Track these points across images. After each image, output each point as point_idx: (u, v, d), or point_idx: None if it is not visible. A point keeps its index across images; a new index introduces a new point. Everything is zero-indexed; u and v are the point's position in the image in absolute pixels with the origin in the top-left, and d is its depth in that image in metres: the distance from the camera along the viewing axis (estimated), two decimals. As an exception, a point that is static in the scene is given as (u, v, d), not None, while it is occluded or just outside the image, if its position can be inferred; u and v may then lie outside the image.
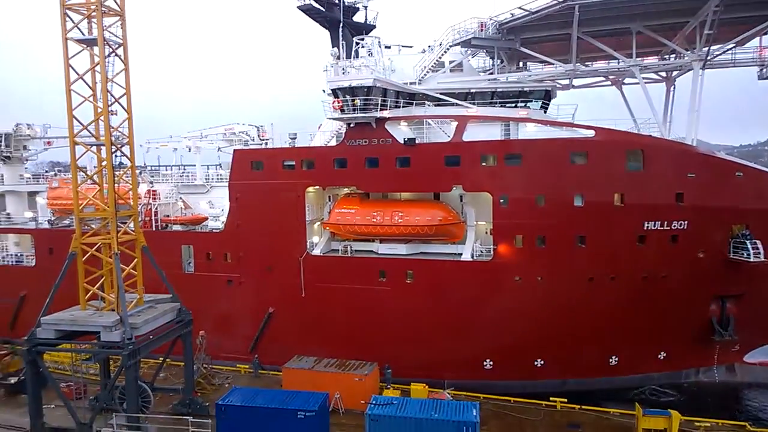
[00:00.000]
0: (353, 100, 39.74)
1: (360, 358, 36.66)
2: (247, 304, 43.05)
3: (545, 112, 41.68)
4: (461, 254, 39.05)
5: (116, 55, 31.70)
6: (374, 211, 40.28)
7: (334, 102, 40.87)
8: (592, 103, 45.74)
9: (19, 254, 52.48)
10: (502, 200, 37.44)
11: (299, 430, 29.71)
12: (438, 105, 41.02)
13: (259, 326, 42.83)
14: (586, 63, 43.45)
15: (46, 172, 63.18)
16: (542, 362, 38.25)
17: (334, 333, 40.08)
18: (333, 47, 44.44)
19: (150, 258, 33.77)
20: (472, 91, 41.12)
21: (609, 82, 45.54)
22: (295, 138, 45.33)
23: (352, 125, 40.91)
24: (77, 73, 31.12)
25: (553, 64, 40.27)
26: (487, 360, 38.55)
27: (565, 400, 34.90)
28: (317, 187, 42.65)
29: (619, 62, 39.49)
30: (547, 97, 41.69)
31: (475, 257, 38.60)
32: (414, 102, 41.42)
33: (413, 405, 29.77)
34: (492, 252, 37.96)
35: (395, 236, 39.98)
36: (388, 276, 39.57)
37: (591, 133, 36.89)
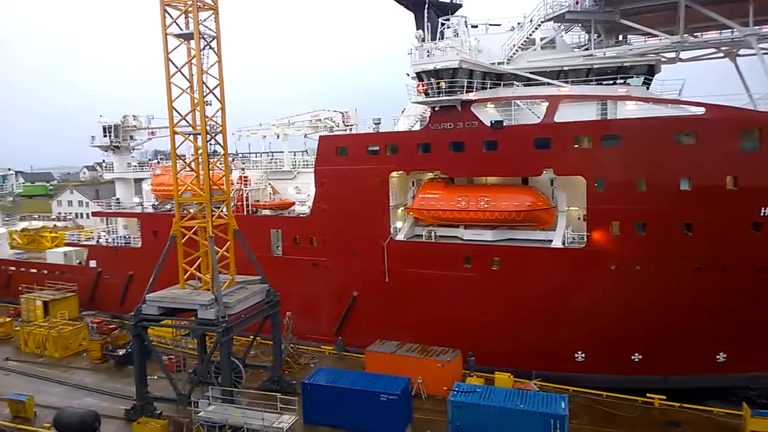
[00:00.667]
0: (438, 83, 38.84)
1: (442, 344, 36.20)
2: (332, 287, 43.73)
3: (647, 88, 38.52)
4: (551, 241, 37.25)
5: (210, 47, 32.95)
6: (459, 196, 39.41)
7: (418, 85, 40.19)
8: (700, 78, 41.66)
9: (127, 236, 56.69)
10: (597, 184, 35.16)
11: (381, 413, 29.96)
12: (528, 85, 39.18)
13: (343, 309, 43.41)
14: (695, 34, 39.57)
15: (150, 160, 67.62)
16: (640, 356, 35.75)
17: (417, 318, 39.73)
18: (417, 30, 43.61)
19: (241, 241, 35.13)
20: (565, 68, 38.88)
21: (721, 54, 41.18)
22: (379, 123, 45.17)
23: (436, 109, 40.11)
24: (176, 67, 32.62)
25: (657, 36, 36.99)
26: (579, 352, 36.62)
27: (664, 397, 32.66)
28: (401, 172, 42.31)
29: (733, 32, 35.61)
30: (650, 72, 38.42)
31: (566, 244, 36.68)
32: (502, 83, 39.84)
33: (498, 394, 29.12)
34: (585, 239, 35.88)
35: (481, 222, 38.85)
36: (473, 262, 38.58)
37: (701, 110, 33.66)
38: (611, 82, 38.16)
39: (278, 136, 53.01)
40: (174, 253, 33.51)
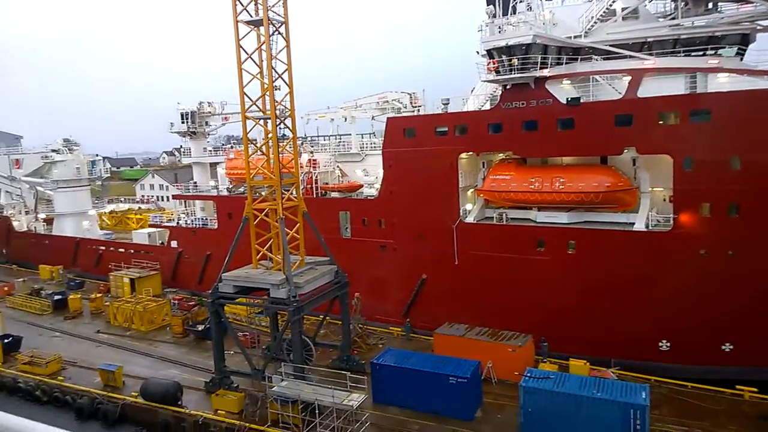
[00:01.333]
0: (510, 60, 37.38)
1: (514, 329, 35.28)
2: (400, 269, 43.54)
3: (741, 59, 35.45)
4: (633, 224, 35.20)
5: (279, 33, 33.23)
6: (532, 177, 37.95)
7: (488, 63, 38.86)
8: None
9: (204, 218, 59.05)
10: (685, 163, 32.79)
11: (450, 395, 29.69)
12: (607, 59, 36.95)
13: (412, 291, 43.19)
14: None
15: (223, 145, 69.96)
16: (731, 346, 33.29)
17: (488, 302, 38.88)
18: (488, 5, 42.06)
19: (310, 223, 35.61)
20: (649, 40, 36.30)
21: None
22: (447, 103, 44.22)
23: (508, 87, 38.65)
24: (246, 53, 33.18)
25: (753, 1, 33.86)
26: (664, 341, 34.57)
27: (756, 390, 30.47)
28: (471, 153, 41.25)
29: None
30: (743, 42, 35.30)
31: (650, 227, 34.57)
32: (579, 57, 37.82)
33: (572, 381, 27.96)
34: (671, 221, 33.65)
35: (555, 204, 37.31)
36: (547, 246, 37.16)
37: None
38: (700, 53, 35.36)
39: (345, 119, 53.16)
40: (247, 234, 34.46)
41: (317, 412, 28.48)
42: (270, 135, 33.59)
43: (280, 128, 34.60)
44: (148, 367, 39.40)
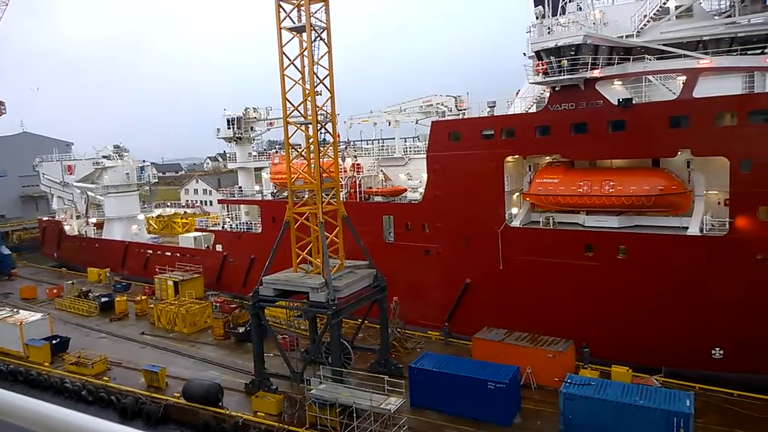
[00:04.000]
0: (559, 61, 36.61)
1: (561, 335, 34.25)
2: (444, 273, 42.94)
3: (801, 57, 33.71)
4: (686, 228, 33.83)
5: (321, 38, 33.52)
6: (580, 181, 36.99)
7: (537, 65, 38.18)
8: None
9: (249, 222, 59.82)
10: (743, 165, 31.30)
11: (489, 401, 29.13)
12: (661, 59, 35.79)
13: (455, 296, 42.47)
14: None
15: (265, 150, 70.95)
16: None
17: (534, 308, 37.85)
18: (536, 6, 41.48)
19: (350, 227, 35.60)
20: (704, 38, 35.12)
21: None
22: (494, 106, 43.71)
23: (557, 89, 37.88)
24: (289, 59, 33.60)
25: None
26: (717, 348, 32.91)
27: None
28: (517, 156, 40.55)
29: None
30: (803, 39, 33.66)
31: (704, 231, 33.13)
32: (631, 57, 36.72)
33: (614, 388, 27.29)
34: (727, 225, 32.16)
35: (605, 207, 36.22)
36: (596, 250, 36.01)
37: None
38: (759, 51, 33.81)
39: (389, 123, 53.11)
40: (288, 238, 34.63)
41: (355, 415, 28.34)
42: (311, 140, 33.80)
43: (321, 133, 34.77)
44: (189, 369, 39.82)
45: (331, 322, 31.73)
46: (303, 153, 34.62)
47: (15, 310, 48.46)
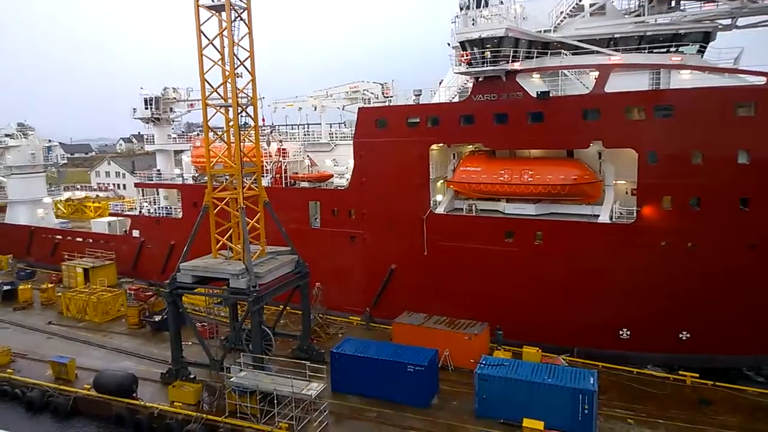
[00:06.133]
0: (483, 53, 37.49)
1: (481, 319, 35.59)
2: (370, 259, 43.23)
3: (702, 57, 36.46)
4: (597, 216, 35.88)
5: (241, 19, 32.59)
6: (501, 170, 38.28)
7: (461, 55, 38.91)
8: (761, 46, 39.04)
9: (168, 207, 57.37)
10: (649, 157, 33.53)
11: (408, 383, 29.94)
12: (576, 54, 37.46)
13: (381, 282, 42.87)
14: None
15: (183, 132, 68.10)
16: (688, 335, 34.26)
17: (457, 292, 38.97)
18: (462, -3, 42.18)
19: (271, 212, 35.07)
20: (615, 36, 37.00)
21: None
22: (420, 95, 44.14)
23: (480, 79, 38.80)
24: (207, 39, 32.48)
25: (715, 1, 34.85)
26: (624, 329, 35.32)
27: (696, 375, 31.91)
28: (442, 144, 41.30)
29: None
30: (705, 39, 36.31)
31: (614, 219, 35.26)
32: (548, 52, 38.19)
33: (525, 368, 28.86)
34: (635, 214, 34.38)
35: (524, 196, 37.71)
36: (515, 237, 37.48)
37: (761, 80, 31.69)
38: (664, 50, 36.20)
39: (315, 108, 52.47)
40: (208, 223, 33.66)
41: (276, 402, 28.17)
42: (231, 123, 32.89)
43: (242, 116, 33.89)
44: (102, 359, 38.22)
45: (252, 309, 31.25)
46: (223, 137, 33.55)
47: None
